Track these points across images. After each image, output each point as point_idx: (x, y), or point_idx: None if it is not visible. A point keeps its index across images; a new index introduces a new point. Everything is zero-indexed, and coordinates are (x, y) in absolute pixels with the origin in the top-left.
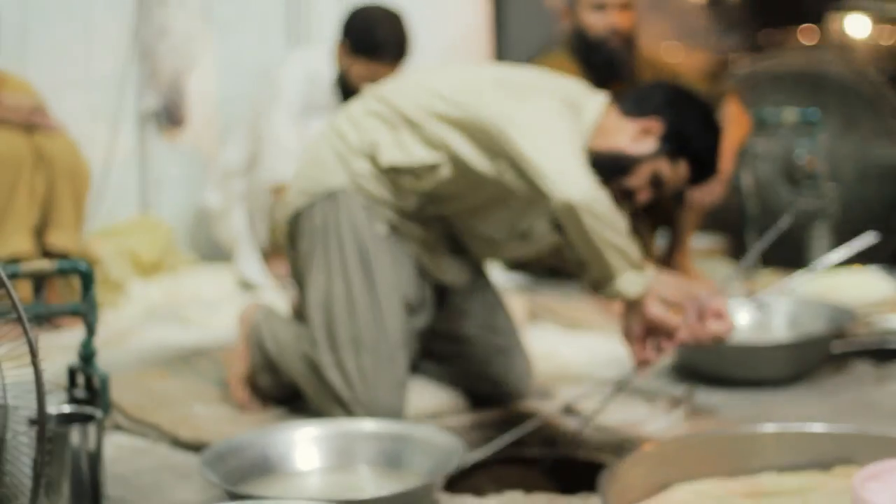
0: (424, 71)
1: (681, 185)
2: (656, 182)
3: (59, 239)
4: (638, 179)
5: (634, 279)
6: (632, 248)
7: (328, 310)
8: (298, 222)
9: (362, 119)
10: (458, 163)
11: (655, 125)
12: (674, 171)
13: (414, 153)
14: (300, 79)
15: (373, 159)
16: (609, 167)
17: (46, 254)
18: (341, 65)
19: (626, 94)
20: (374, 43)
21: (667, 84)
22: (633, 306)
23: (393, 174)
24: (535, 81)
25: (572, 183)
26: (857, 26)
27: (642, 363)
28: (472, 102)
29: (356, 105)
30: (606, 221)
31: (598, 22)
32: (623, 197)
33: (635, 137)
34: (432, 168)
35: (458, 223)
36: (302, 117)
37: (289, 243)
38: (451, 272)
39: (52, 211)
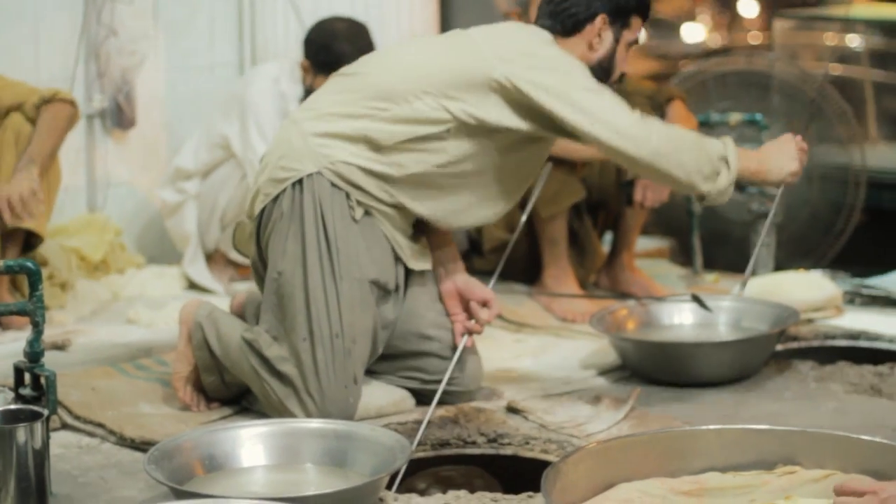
0: (399, 46)
1: (640, 29)
2: (630, 46)
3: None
4: (620, 63)
5: (723, 178)
6: (706, 151)
7: (286, 299)
8: (266, 214)
9: (344, 106)
10: (461, 126)
11: (601, 21)
12: (633, 30)
13: (413, 126)
14: (272, 93)
15: (364, 143)
16: (599, 80)
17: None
18: (306, 82)
19: (545, 20)
20: (333, 58)
21: None
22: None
23: (396, 151)
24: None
25: (635, 140)
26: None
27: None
28: (472, 71)
29: (328, 91)
30: (677, 157)
31: None
32: (618, 81)
33: (595, 44)
34: (434, 136)
35: (468, 187)
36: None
37: (254, 239)
38: (423, 259)
39: None
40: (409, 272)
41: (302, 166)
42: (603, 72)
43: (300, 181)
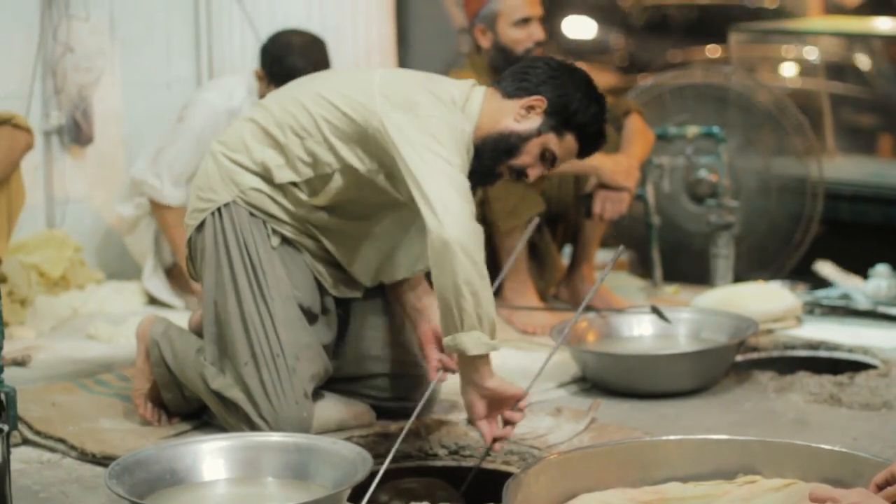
0: (312, 79)
1: (571, 157)
2: (546, 157)
3: None
4: (527, 157)
5: (480, 339)
6: (490, 309)
7: (223, 328)
8: (193, 243)
9: (249, 136)
10: (348, 171)
11: (539, 101)
12: (562, 146)
13: (304, 166)
14: (215, 110)
15: (265, 176)
16: (497, 149)
17: None
18: (261, 91)
19: (505, 74)
20: (285, 70)
21: (546, 59)
22: (468, 378)
23: (288, 188)
24: (423, 87)
25: (453, 218)
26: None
27: (497, 440)
28: (361, 111)
29: (242, 120)
30: (477, 268)
31: (520, 36)
32: (516, 176)
33: (519, 116)
34: (324, 177)
35: (356, 232)
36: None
37: (191, 267)
38: (343, 287)
39: None
40: None
41: (217, 196)
42: (505, 145)
43: (219, 211)
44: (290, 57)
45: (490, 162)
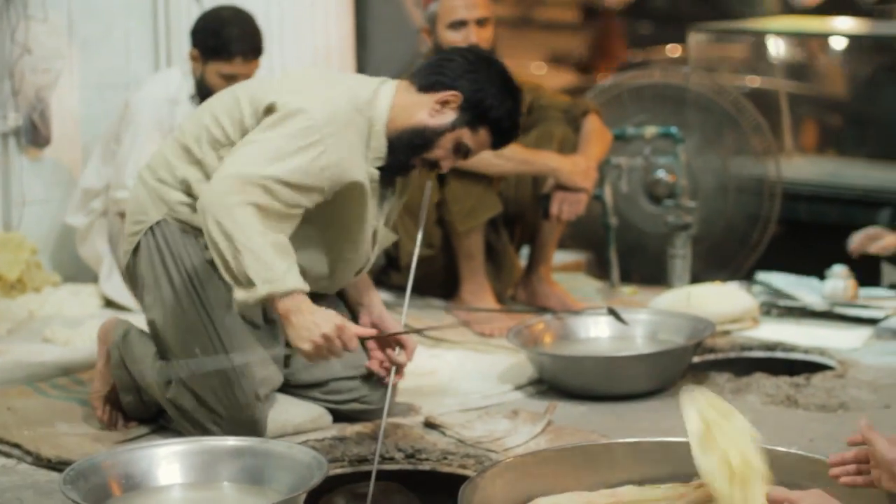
0: (226, 90)
1: (484, 149)
2: (460, 150)
3: None
4: (441, 150)
5: (239, 293)
6: (245, 264)
7: (171, 342)
8: (131, 268)
9: (170, 154)
10: None
11: (454, 97)
12: (475, 139)
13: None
14: (157, 102)
15: (187, 193)
16: (411, 143)
17: None
18: (196, 73)
19: (420, 67)
20: (221, 42)
21: (461, 51)
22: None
23: None
24: (319, 88)
25: (209, 187)
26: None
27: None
28: (259, 112)
29: (166, 142)
30: (235, 226)
31: (456, 39)
32: (429, 168)
33: (433, 111)
34: None
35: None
36: (163, 139)
37: (133, 287)
38: None
39: None
40: None
41: (148, 217)
42: (420, 139)
43: (152, 230)
44: (226, 28)
45: (404, 156)
